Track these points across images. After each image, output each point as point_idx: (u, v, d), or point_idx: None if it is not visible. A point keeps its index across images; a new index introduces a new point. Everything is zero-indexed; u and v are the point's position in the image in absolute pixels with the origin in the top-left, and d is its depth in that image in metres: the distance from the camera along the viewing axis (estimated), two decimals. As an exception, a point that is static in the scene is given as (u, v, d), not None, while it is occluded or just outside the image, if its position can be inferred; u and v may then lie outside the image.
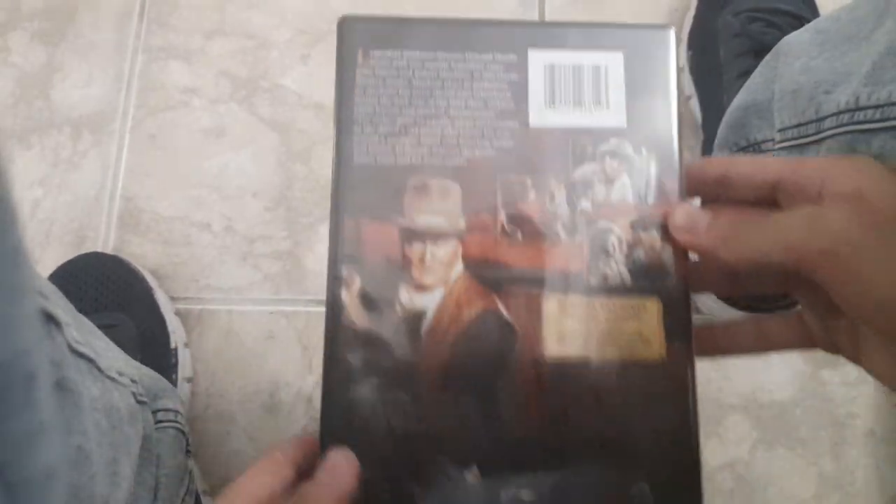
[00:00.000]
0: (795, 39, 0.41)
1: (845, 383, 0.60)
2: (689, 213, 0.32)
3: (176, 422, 0.48)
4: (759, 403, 0.60)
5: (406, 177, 0.33)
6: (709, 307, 0.59)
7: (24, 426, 0.23)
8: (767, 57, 0.44)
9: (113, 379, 0.39)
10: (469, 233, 0.33)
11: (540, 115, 0.34)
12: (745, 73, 0.48)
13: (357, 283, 0.32)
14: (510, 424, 0.32)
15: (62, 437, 0.29)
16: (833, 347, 0.33)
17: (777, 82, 0.41)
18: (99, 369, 0.37)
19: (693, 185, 0.33)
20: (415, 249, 0.33)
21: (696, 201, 0.34)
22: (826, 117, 0.35)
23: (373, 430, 0.31)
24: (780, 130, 0.39)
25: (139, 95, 0.70)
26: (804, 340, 0.34)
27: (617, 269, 0.33)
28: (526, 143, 0.33)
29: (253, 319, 0.63)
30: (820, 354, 0.60)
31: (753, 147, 0.44)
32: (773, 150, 0.41)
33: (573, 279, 0.33)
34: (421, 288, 0.32)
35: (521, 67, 0.34)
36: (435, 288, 0.32)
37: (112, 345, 0.43)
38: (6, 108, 0.70)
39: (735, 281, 0.35)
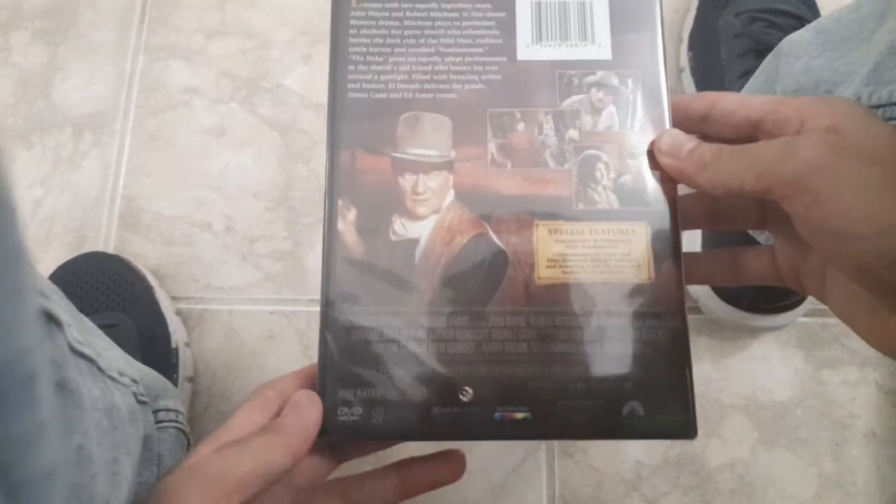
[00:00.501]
0: (797, 39, 0.41)
1: (846, 384, 0.60)
2: (674, 138, 0.32)
3: (177, 422, 0.48)
4: (759, 404, 0.60)
5: (398, 111, 0.34)
6: (709, 308, 0.59)
7: (25, 426, 0.23)
8: (768, 57, 0.44)
9: (114, 379, 0.39)
10: (460, 163, 0.34)
11: (527, 50, 0.35)
12: (747, 74, 0.48)
13: (353, 213, 0.33)
14: (502, 345, 0.33)
15: (63, 438, 0.29)
16: (800, 285, 0.34)
17: (778, 82, 0.41)
18: (100, 369, 0.37)
19: (678, 122, 0.34)
20: (407, 179, 0.34)
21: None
22: None
23: (370, 355, 0.32)
24: None
25: (140, 95, 0.70)
26: (774, 276, 0.35)
27: (605, 194, 0.34)
28: (514, 77, 0.35)
29: (253, 319, 0.63)
30: (821, 355, 0.60)
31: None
32: None
33: (562, 205, 0.34)
34: (414, 216, 0.34)
35: (509, 5, 0.35)
36: (428, 216, 0.34)
37: (113, 345, 0.43)
38: (7, 108, 0.70)
39: (717, 216, 0.36)
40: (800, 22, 0.57)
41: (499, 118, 0.35)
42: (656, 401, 0.32)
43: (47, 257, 0.65)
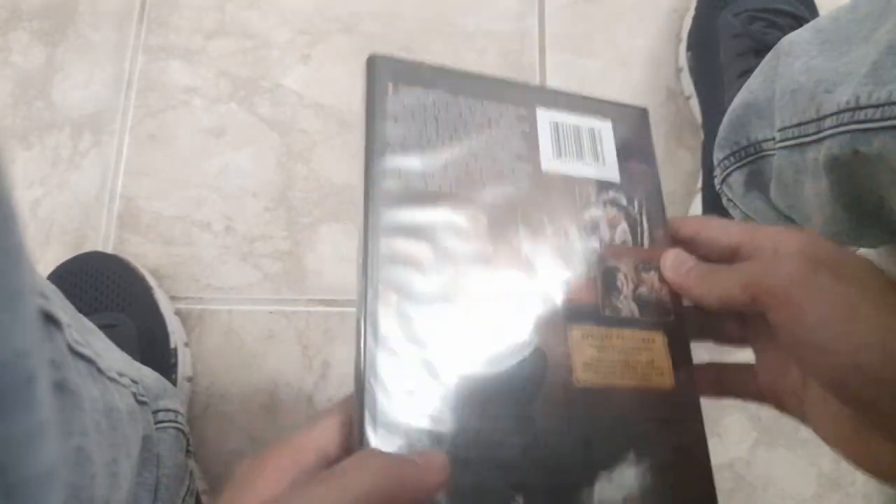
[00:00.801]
0: (796, 39, 0.41)
1: (845, 383, 0.60)
2: (677, 257, 0.35)
3: (176, 422, 0.48)
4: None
5: (435, 203, 0.34)
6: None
7: (25, 427, 0.23)
8: (767, 56, 0.44)
9: (113, 379, 0.39)
10: (497, 260, 0.34)
11: (549, 162, 0.37)
12: (746, 73, 0.48)
13: (394, 302, 0.32)
14: (548, 450, 0.32)
15: (62, 438, 0.29)
16: (781, 404, 0.35)
17: (777, 82, 0.41)
18: (99, 370, 0.37)
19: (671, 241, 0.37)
20: (447, 272, 0.33)
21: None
22: (826, 116, 0.35)
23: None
24: (780, 130, 0.39)
25: (139, 95, 0.70)
26: (756, 393, 0.36)
27: (627, 303, 0.35)
28: (540, 185, 0.36)
29: (253, 319, 0.63)
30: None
31: (754, 146, 0.43)
32: (774, 149, 0.41)
33: (592, 311, 0.34)
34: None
35: (531, 121, 0.37)
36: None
37: (112, 345, 0.43)
38: (6, 108, 0.70)
39: (706, 331, 0.38)
40: (798, 22, 0.57)
41: (529, 221, 0.35)
42: (685, 497, 0.33)
43: (46, 257, 0.65)
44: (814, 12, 0.59)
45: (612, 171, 0.37)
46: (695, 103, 0.63)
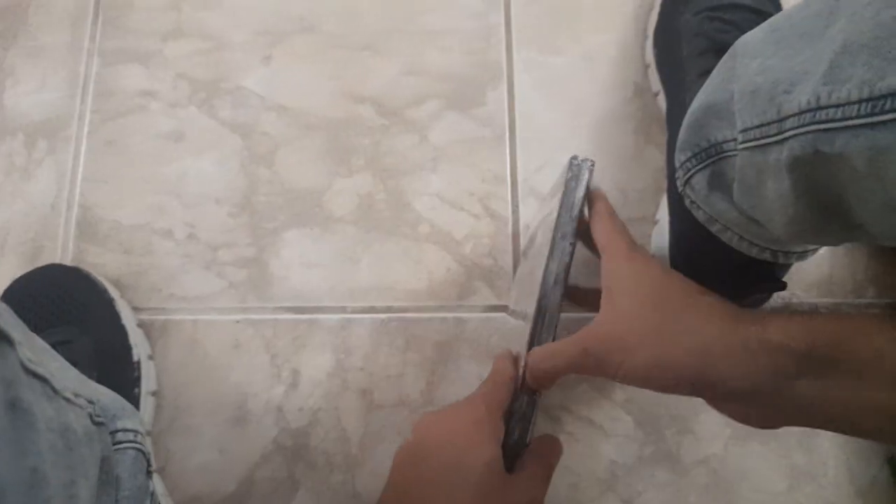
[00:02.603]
0: (750, 39, 0.41)
1: (815, 376, 0.60)
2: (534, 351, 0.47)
3: (136, 442, 0.47)
4: (730, 398, 0.60)
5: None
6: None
7: None
8: (724, 57, 0.44)
9: (68, 400, 0.38)
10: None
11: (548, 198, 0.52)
12: (706, 73, 0.48)
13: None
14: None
15: (15, 458, 0.28)
16: None
17: (735, 83, 0.41)
18: (54, 390, 0.36)
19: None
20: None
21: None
22: (787, 117, 0.34)
23: None
24: (742, 131, 0.39)
25: (95, 100, 0.68)
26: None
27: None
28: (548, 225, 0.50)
29: (218, 329, 0.62)
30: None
31: (714, 148, 0.43)
32: (735, 150, 0.40)
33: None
34: None
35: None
36: None
37: (67, 365, 0.42)
38: (-44, 116, 0.68)
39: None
40: (759, 16, 0.56)
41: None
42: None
43: (2, 270, 0.63)
44: (777, 6, 0.59)
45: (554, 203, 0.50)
46: (662, 99, 0.62)
